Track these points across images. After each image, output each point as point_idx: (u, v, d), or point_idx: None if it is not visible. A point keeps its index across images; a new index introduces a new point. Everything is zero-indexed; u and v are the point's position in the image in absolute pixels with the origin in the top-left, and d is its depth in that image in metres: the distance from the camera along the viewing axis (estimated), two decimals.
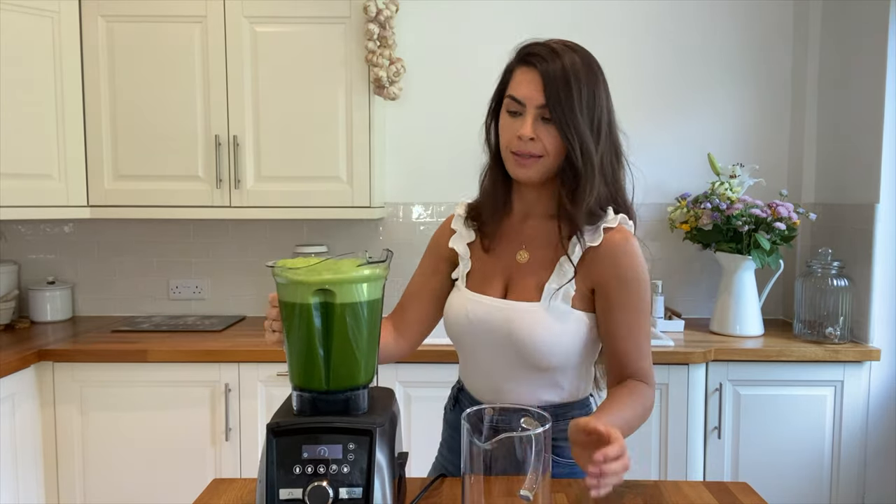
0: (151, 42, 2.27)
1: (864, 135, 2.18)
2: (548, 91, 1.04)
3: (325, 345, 0.90)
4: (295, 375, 0.92)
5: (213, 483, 1.09)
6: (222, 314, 2.64)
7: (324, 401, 0.90)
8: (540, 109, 1.05)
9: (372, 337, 0.93)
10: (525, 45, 1.11)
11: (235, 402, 2.09)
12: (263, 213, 2.32)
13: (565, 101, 1.04)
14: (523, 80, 1.07)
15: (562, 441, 1.15)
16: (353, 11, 2.24)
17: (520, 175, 1.10)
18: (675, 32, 2.54)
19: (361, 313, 0.91)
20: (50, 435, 2.09)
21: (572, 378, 1.15)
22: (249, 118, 2.29)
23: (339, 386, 0.91)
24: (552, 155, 1.07)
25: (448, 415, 1.29)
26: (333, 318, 0.89)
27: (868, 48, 2.17)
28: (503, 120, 1.11)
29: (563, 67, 1.05)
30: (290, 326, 0.92)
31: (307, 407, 0.91)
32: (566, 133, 1.05)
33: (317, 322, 0.89)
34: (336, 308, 0.89)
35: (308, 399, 0.91)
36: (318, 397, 0.90)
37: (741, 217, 2.16)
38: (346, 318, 0.89)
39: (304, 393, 0.91)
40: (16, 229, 2.63)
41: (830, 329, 2.16)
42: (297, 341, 0.91)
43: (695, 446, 2.10)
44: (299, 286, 0.89)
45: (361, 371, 0.92)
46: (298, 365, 0.91)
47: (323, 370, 0.90)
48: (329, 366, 0.90)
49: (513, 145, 1.08)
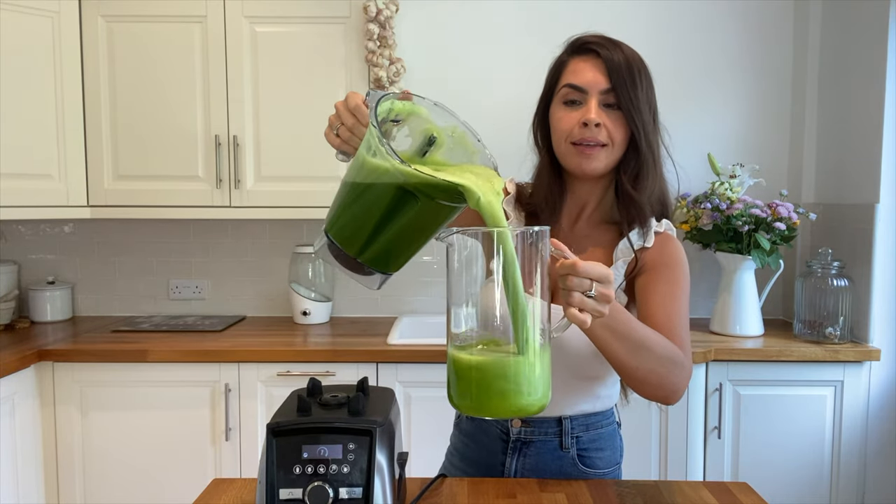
0: (151, 42, 2.27)
1: (864, 135, 2.18)
2: (613, 75, 1.02)
3: (388, 224, 0.83)
4: (335, 225, 0.87)
5: (213, 483, 1.09)
6: (222, 314, 2.64)
7: (343, 257, 0.87)
8: (604, 95, 1.02)
9: (426, 239, 0.87)
10: (578, 37, 1.08)
11: (235, 402, 2.09)
12: (263, 213, 2.32)
13: (630, 86, 1.01)
14: (583, 67, 1.04)
15: (593, 451, 1.14)
16: (353, 11, 2.24)
17: (586, 167, 1.04)
18: (675, 32, 2.54)
19: (436, 218, 0.83)
20: (50, 435, 2.09)
21: (609, 386, 1.14)
22: (249, 118, 2.29)
23: (369, 262, 0.86)
24: (616, 144, 1.04)
25: (464, 424, 1.23)
26: (413, 209, 0.81)
27: (868, 48, 2.17)
28: (558, 112, 1.06)
29: (625, 54, 1.03)
30: (363, 191, 0.82)
31: (333, 252, 0.87)
32: (633, 116, 1.02)
33: (395, 204, 0.81)
34: (422, 204, 0.80)
35: (335, 250, 0.87)
36: (341, 254, 0.87)
37: (741, 217, 2.16)
38: (423, 216, 0.82)
39: (332, 244, 0.87)
40: (16, 229, 2.63)
41: (830, 329, 2.16)
42: (360, 206, 0.83)
43: (695, 446, 2.10)
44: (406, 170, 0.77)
45: (396, 262, 0.88)
46: (344, 220, 0.86)
47: (366, 241, 0.85)
48: (374, 241, 0.84)
49: (574, 135, 1.04)
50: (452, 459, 1.25)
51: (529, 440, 1.13)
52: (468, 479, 1.11)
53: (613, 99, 1.02)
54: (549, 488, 1.07)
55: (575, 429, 1.13)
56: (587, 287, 0.77)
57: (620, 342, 0.90)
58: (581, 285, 0.77)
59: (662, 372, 0.94)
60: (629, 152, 1.06)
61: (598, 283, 0.78)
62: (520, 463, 1.14)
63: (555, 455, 1.13)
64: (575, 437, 1.13)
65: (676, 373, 0.95)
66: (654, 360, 0.93)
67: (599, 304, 0.78)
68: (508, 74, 2.51)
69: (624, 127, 1.03)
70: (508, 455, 1.14)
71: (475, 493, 1.05)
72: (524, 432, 1.13)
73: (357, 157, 0.85)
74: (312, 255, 0.86)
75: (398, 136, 0.89)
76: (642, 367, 0.93)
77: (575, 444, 1.13)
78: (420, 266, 2.64)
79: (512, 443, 1.14)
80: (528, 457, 1.14)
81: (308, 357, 2.08)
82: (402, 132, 0.90)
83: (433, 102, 0.89)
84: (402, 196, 0.80)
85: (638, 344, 0.91)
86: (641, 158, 1.05)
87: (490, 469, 1.17)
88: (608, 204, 1.12)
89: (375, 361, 2.08)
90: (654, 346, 0.93)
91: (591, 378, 1.10)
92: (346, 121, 0.93)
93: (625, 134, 1.04)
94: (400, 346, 2.10)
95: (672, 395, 0.97)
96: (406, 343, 2.12)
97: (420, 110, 0.88)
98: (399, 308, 2.66)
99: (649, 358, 0.92)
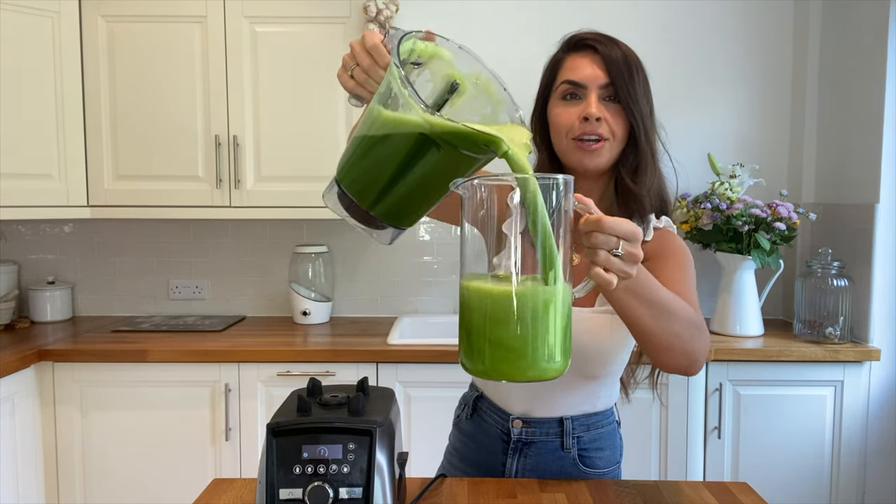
0: (151, 42, 2.27)
1: (864, 134, 2.18)
2: (611, 70, 1.02)
3: (405, 176, 0.77)
4: (347, 175, 0.81)
5: (213, 483, 1.09)
6: (222, 314, 2.64)
7: (354, 209, 0.81)
8: (602, 89, 1.02)
9: (441, 192, 0.80)
10: (574, 34, 1.08)
11: (235, 402, 2.09)
12: (263, 213, 2.32)
13: (628, 79, 1.02)
14: (581, 63, 1.04)
15: (594, 451, 1.14)
16: (353, 11, 2.24)
17: (588, 163, 1.04)
18: (675, 32, 2.54)
19: (456, 169, 0.76)
20: (50, 435, 2.09)
21: (609, 385, 1.14)
22: (249, 118, 2.29)
23: (382, 215, 0.81)
24: (617, 138, 1.04)
25: (463, 424, 1.22)
26: (433, 159, 0.75)
27: (868, 48, 2.17)
28: (557, 109, 1.06)
29: (622, 50, 1.04)
30: (379, 142, 0.77)
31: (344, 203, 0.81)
32: (632, 109, 1.02)
33: (414, 155, 0.75)
34: (444, 154, 0.74)
35: (346, 201, 0.81)
36: (352, 206, 0.81)
37: (741, 217, 2.16)
38: (444, 167, 0.75)
39: (343, 194, 0.81)
40: (16, 229, 2.63)
41: (830, 329, 2.16)
42: (376, 157, 0.77)
43: (695, 446, 2.10)
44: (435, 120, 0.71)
45: (410, 217, 0.83)
46: (357, 172, 0.80)
47: (380, 193, 0.79)
48: (389, 193, 0.78)
49: (575, 130, 1.03)
50: (451, 459, 1.24)
51: (531, 441, 1.13)
52: (468, 479, 1.11)
53: (612, 93, 1.03)
54: (549, 488, 1.07)
55: (576, 429, 1.13)
56: (613, 245, 0.72)
57: (645, 306, 0.85)
58: (607, 243, 0.72)
59: (686, 337, 0.89)
60: (628, 147, 1.06)
61: (624, 241, 0.72)
62: (521, 463, 1.14)
63: (556, 455, 1.13)
64: (576, 437, 1.13)
65: (698, 338, 0.91)
66: (677, 323, 0.87)
67: (626, 265, 0.73)
68: (509, 74, 2.50)
69: (624, 121, 1.04)
70: (509, 456, 1.14)
71: (475, 493, 1.05)
72: (525, 433, 1.13)
73: (371, 109, 0.79)
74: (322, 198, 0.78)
75: (418, 80, 0.83)
76: (666, 331, 0.87)
77: (576, 445, 1.13)
78: (420, 266, 2.64)
79: (513, 443, 1.14)
80: (529, 457, 1.13)
81: (308, 357, 2.08)
82: (423, 76, 0.84)
83: (458, 45, 0.83)
84: (422, 146, 0.74)
85: (662, 307, 0.86)
86: (640, 152, 1.05)
87: (490, 469, 1.17)
88: (608, 201, 1.12)
89: (375, 361, 2.08)
90: (677, 310, 0.88)
91: (592, 378, 1.10)
92: (362, 61, 0.86)
93: (625, 128, 1.04)
94: (400, 346, 2.10)
95: (694, 363, 0.93)
96: (406, 343, 2.12)
97: (443, 53, 0.83)
98: (399, 308, 2.66)
99: (673, 322, 0.87)
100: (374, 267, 2.65)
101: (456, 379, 2.04)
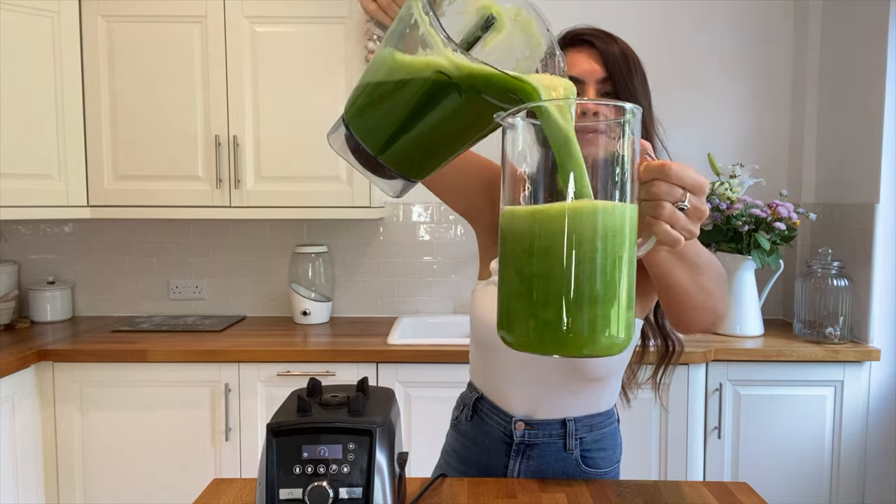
0: (151, 42, 2.27)
1: (864, 135, 2.19)
2: (609, 64, 1.00)
3: (420, 122, 0.68)
4: (356, 116, 0.73)
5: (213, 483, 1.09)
6: (222, 314, 2.64)
7: (361, 153, 0.74)
8: (600, 84, 1.01)
9: (460, 145, 0.73)
10: (571, 30, 1.07)
11: (235, 402, 2.09)
12: (263, 213, 2.32)
13: (626, 74, 1.00)
14: (579, 58, 1.03)
15: (596, 451, 1.14)
16: (353, 11, 2.24)
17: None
18: (675, 32, 2.54)
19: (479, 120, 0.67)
20: (50, 435, 2.09)
21: (612, 386, 1.14)
22: (249, 118, 2.29)
23: (391, 163, 0.73)
24: None
25: (463, 425, 1.20)
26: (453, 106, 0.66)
27: (868, 48, 2.17)
28: None
29: (620, 46, 1.03)
30: (394, 84, 0.68)
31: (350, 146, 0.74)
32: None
33: (432, 98, 0.66)
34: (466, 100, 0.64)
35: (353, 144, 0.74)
36: (359, 150, 0.73)
37: (741, 217, 2.16)
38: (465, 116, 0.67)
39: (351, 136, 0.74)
40: (16, 229, 2.63)
41: (830, 329, 2.16)
42: (389, 99, 0.69)
43: (695, 446, 2.10)
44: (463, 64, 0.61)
45: (422, 168, 0.75)
46: (367, 114, 0.72)
47: (390, 138, 0.71)
48: (400, 139, 0.71)
49: None
50: (450, 460, 1.23)
51: (533, 443, 1.12)
52: (468, 479, 1.11)
53: (610, 87, 1.01)
54: (549, 488, 1.07)
55: (579, 430, 1.12)
56: (678, 197, 0.62)
57: (685, 265, 0.77)
58: (671, 194, 0.62)
59: (718, 292, 0.83)
60: None
61: (690, 193, 0.63)
62: (523, 465, 1.13)
63: (558, 457, 1.12)
64: (579, 438, 1.12)
65: (725, 290, 0.87)
66: (709, 279, 0.81)
67: (691, 222, 0.63)
68: None
69: None
70: (511, 458, 1.13)
71: (475, 493, 1.05)
72: (528, 435, 1.12)
73: (382, 49, 0.71)
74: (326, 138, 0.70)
75: (448, 10, 0.73)
76: (703, 288, 0.81)
77: (578, 446, 1.12)
78: (420, 266, 2.64)
79: (515, 445, 1.12)
80: (532, 459, 1.12)
81: (308, 357, 2.08)
82: (454, 7, 0.74)
83: None
84: (441, 89, 0.64)
85: (697, 263, 0.79)
86: None
87: (491, 471, 1.16)
88: None
89: (375, 361, 2.08)
90: (709, 263, 0.81)
91: (595, 380, 1.10)
92: None
93: None
94: (400, 346, 2.10)
95: (719, 319, 0.88)
96: (406, 343, 2.12)
97: None
98: (399, 308, 2.66)
99: (705, 277, 0.81)
100: (374, 267, 2.65)
101: (456, 379, 2.04)
